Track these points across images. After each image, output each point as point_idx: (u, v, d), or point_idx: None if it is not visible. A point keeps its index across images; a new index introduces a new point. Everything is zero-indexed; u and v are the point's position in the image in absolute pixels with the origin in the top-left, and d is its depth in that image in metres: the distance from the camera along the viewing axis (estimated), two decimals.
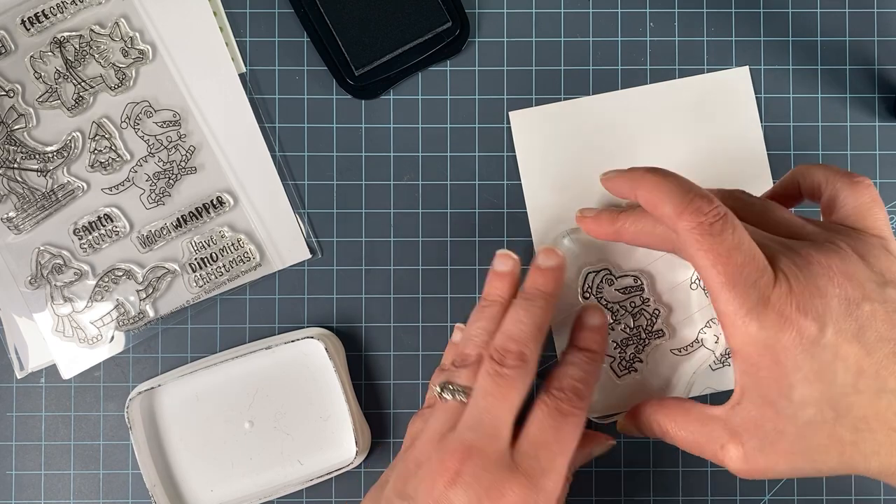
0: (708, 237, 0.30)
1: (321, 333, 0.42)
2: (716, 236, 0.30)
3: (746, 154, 0.43)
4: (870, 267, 0.31)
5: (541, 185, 0.43)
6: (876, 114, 0.44)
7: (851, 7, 0.44)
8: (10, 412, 0.44)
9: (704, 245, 0.30)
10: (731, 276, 0.30)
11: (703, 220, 0.30)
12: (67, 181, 0.43)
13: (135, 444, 0.42)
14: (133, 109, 0.43)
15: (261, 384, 0.43)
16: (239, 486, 0.43)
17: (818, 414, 0.30)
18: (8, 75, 0.42)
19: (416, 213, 0.44)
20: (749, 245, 0.30)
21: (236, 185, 0.43)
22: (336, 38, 0.42)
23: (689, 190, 0.31)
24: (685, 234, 0.31)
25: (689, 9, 0.44)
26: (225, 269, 0.43)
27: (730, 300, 0.30)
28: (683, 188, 0.31)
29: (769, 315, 0.30)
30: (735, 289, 0.30)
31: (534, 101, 0.44)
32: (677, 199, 0.31)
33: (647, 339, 0.42)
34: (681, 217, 0.31)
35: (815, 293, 0.30)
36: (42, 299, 0.43)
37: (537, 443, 0.33)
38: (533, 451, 0.33)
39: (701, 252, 0.30)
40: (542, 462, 0.33)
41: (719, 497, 0.43)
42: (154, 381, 0.42)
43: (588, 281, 0.42)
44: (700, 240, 0.30)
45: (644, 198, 0.33)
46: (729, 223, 0.30)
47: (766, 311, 0.30)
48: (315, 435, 0.43)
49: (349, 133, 0.44)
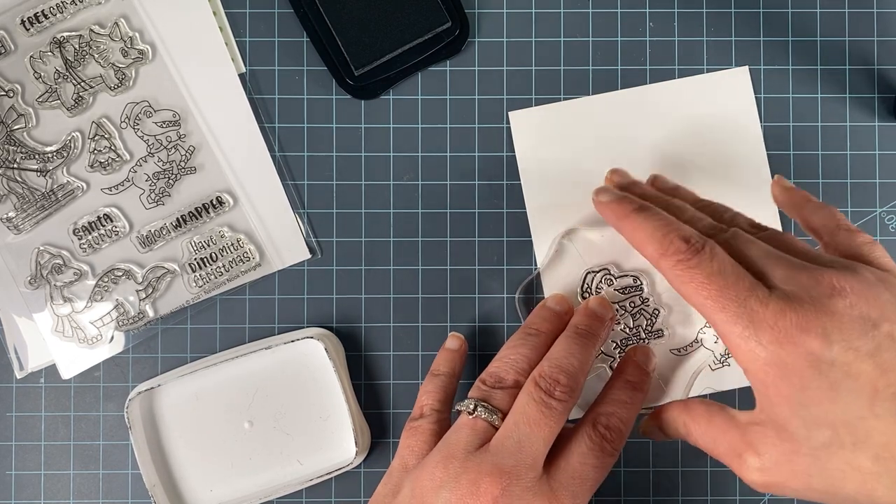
0: (688, 270, 0.31)
1: (321, 333, 0.42)
2: (695, 268, 0.31)
3: (746, 154, 0.43)
4: (890, 291, 0.30)
5: (541, 185, 0.43)
6: (876, 114, 0.44)
7: (851, 7, 0.44)
8: (9, 412, 0.44)
9: (686, 277, 0.31)
10: (718, 299, 0.30)
11: (682, 257, 0.32)
12: (67, 181, 0.43)
13: (134, 444, 0.42)
14: (133, 109, 0.43)
15: (260, 384, 0.43)
16: (238, 486, 0.43)
17: (834, 437, 0.29)
18: (8, 75, 0.42)
19: (415, 213, 0.44)
20: (733, 267, 0.31)
21: (236, 185, 0.43)
22: (336, 38, 0.42)
23: (668, 232, 0.33)
24: (668, 272, 0.32)
25: (688, 9, 0.44)
26: (225, 269, 0.43)
27: (724, 321, 0.30)
28: (663, 230, 0.33)
29: (766, 333, 0.29)
30: (725, 310, 0.30)
31: (534, 101, 0.44)
32: (657, 242, 0.33)
33: (646, 339, 0.42)
34: (662, 258, 0.32)
35: (820, 311, 0.29)
36: (42, 299, 0.43)
37: (577, 476, 0.34)
38: (572, 484, 0.34)
39: (685, 284, 0.32)
40: (577, 496, 0.34)
41: (719, 497, 0.43)
42: (154, 381, 0.42)
43: (588, 281, 0.42)
44: (682, 274, 0.32)
45: (628, 237, 0.35)
46: (707, 252, 0.31)
47: (763, 329, 0.29)
48: (315, 435, 0.43)
49: (349, 133, 0.44)
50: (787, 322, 0.29)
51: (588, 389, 0.43)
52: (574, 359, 0.36)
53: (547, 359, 0.36)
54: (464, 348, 0.41)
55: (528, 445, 0.33)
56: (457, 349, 0.41)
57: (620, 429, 0.36)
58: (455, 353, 0.41)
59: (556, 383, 0.35)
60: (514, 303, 0.43)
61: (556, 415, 0.34)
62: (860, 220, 0.44)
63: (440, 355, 0.41)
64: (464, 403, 0.36)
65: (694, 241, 0.32)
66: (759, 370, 0.30)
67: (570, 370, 0.35)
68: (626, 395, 0.37)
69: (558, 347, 0.37)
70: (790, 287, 0.30)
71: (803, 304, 0.29)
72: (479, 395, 0.36)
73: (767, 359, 0.30)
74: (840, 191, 0.44)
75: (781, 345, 0.29)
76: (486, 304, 0.43)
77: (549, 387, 0.35)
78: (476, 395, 0.36)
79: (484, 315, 0.43)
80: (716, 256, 0.31)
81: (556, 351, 0.36)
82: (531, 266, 0.43)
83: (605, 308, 0.39)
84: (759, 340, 0.30)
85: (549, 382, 0.35)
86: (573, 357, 0.36)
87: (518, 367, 0.36)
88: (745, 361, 0.30)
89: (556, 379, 0.35)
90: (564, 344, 0.37)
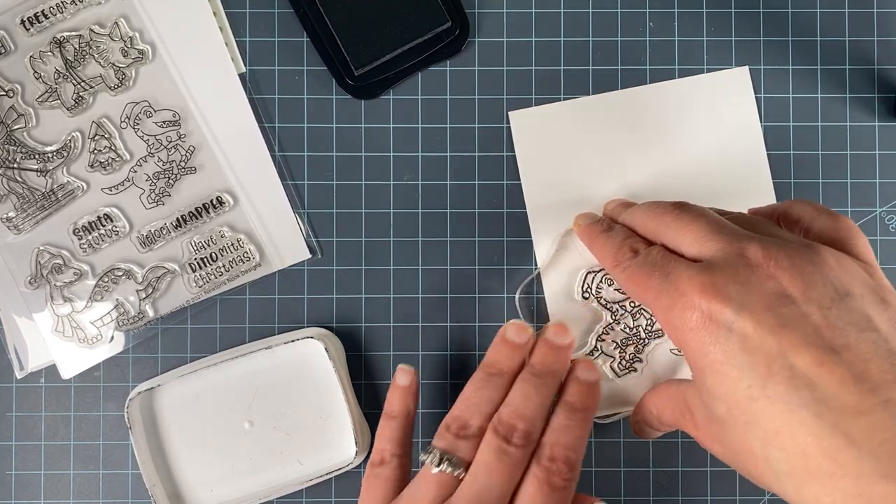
0: (628, 269, 0.34)
1: (321, 333, 0.42)
2: (633, 265, 0.34)
3: (746, 154, 0.43)
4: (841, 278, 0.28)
5: (541, 185, 0.43)
6: (876, 114, 0.44)
7: (851, 7, 0.44)
8: (10, 412, 0.44)
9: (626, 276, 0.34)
10: (648, 283, 0.32)
11: (627, 263, 0.34)
12: (67, 181, 0.43)
13: (134, 444, 0.42)
14: (133, 109, 0.43)
15: (260, 384, 0.43)
16: (238, 486, 0.43)
17: (728, 413, 0.29)
18: (8, 75, 0.42)
19: (415, 213, 0.44)
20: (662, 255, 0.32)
21: (236, 185, 0.43)
22: (336, 38, 0.42)
23: (622, 245, 0.35)
24: (618, 278, 0.35)
25: (689, 9, 0.44)
26: (225, 269, 0.43)
27: (653, 300, 0.32)
28: (619, 244, 0.35)
29: (679, 299, 0.30)
30: (652, 290, 0.32)
31: (534, 101, 0.44)
32: (612, 255, 0.36)
33: (646, 338, 0.42)
34: (615, 268, 0.35)
35: (730, 278, 0.29)
36: (42, 299, 0.43)
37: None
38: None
39: (627, 283, 0.34)
40: None
41: (719, 497, 0.43)
42: (154, 381, 0.42)
43: (587, 281, 0.42)
44: (624, 275, 0.34)
45: (596, 255, 0.38)
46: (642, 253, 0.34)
47: (678, 297, 0.30)
48: (315, 435, 0.43)
49: (349, 133, 0.44)
50: (696, 286, 0.29)
51: None
52: (530, 402, 0.35)
53: (505, 404, 0.36)
54: (415, 383, 0.39)
55: (487, 495, 0.33)
56: (408, 385, 0.39)
57: (567, 456, 0.34)
58: (406, 389, 0.39)
59: (513, 429, 0.34)
60: (514, 303, 0.43)
61: (515, 461, 0.34)
62: (860, 221, 0.44)
63: (392, 394, 0.39)
64: (429, 456, 0.35)
65: (640, 249, 0.34)
66: (677, 338, 0.30)
67: (527, 415, 0.35)
68: (564, 418, 0.36)
69: (515, 392, 0.36)
70: (718, 257, 0.30)
71: (718, 270, 0.29)
72: (444, 445, 0.35)
73: (678, 325, 0.30)
74: (840, 191, 0.44)
75: (687, 308, 0.29)
76: (486, 304, 0.43)
77: (507, 433, 0.34)
78: (441, 445, 0.35)
79: (484, 315, 0.43)
80: (650, 254, 0.33)
81: (513, 396, 0.36)
82: (531, 266, 0.43)
83: (563, 335, 0.37)
84: (675, 308, 0.30)
85: (506, 429, 0.34)
86: (529, 401, 0.35)
87: (482, 411, 0.36)
88: (668, 332, 0.31)
89: (513, 425, 0.34)
90: (520, 388, 0.36)
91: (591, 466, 0.43)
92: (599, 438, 0.43)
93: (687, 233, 0.32)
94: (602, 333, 0.42)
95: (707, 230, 0.32)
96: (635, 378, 0.42)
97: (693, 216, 0.33)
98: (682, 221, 0.33)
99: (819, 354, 0.26)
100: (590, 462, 0.43)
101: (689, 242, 0.32)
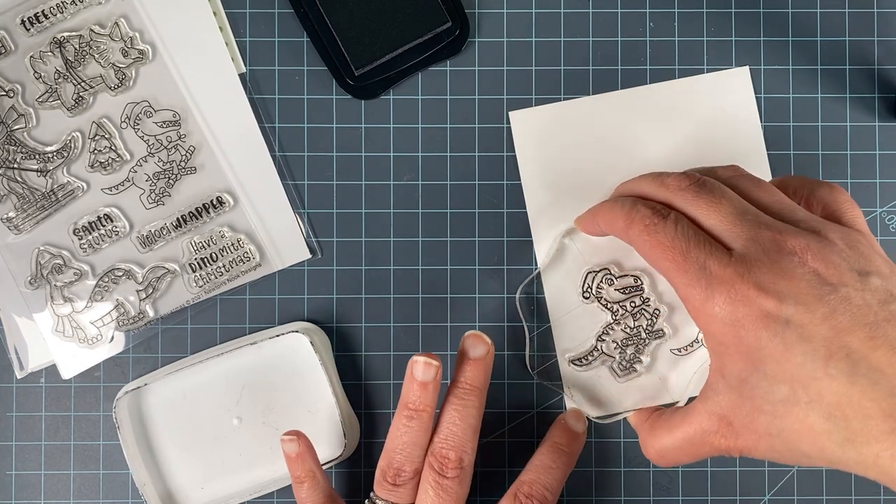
0: (653, 234, 0.33)
1: (306, 327, 0.42)
2: (659, 232, 0.33)
3: (746, 154, 0.43)
4: (855, 257, 0.31)
5: (541, 185, 0.43)
6: (876, 114, 0.44)
7: (851, 7, 0.44)
8: (10, 412, 0.44)
9: (650, 241, 0.33)
10: (679, 262, 0.32)
11: (648, 222, 0.33)
12: (67, 181, 0.43)
13: (123, 443, 0.42)
14: (133, 109, 0.43)
15: (248, 380, 0.43)
16: (229, 482, 0.43)
17: (791, 394, 0.30)
18: (8, 75, 0.42)
19: (415, 213, 0.44)
20: (695, 232, 0.32)
21: (236, 185, 0.43)
22: (336, 38, 0.42)
23: (634, 205, 0.35)
24: (636, 239, 0.34)
25: (689, 9, 0.44)
26: (225, 269, 0.43)
27: (685, 284, 0.32)
28: (629, 205, 0.35)
29: (724, 293, 0.30)
30: (686, 273, 0.31)
31: (534, 101, 0.44)
32: (625, 215, 0.35)
33: (647, 338, 0.42)
34: (629, 227, 0.34)
35: (779, 274, 0.30)
36: (42, 299, 0.43)
37: None
38: None
39: (648, 248, 0.33)
40: None
41: (719, 497, 0.43)
42: (140, 381, 0.42)
43: (588, 281, 0.42)
44: (647, 239, 0.33)
45: (603, 223, 0.37)
46: (671, 219, 0.33)
47: (721, 290, 0.31)
48: (304, 429, 0.42)
49: (349, 133, 0.44)
50: (744, 283, 0.30)
51: (593, 388, 0.43)
52: (456, 427, 0.37)
53: (436, 436, 0.37)
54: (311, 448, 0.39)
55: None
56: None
57: (544, 496, 0.37)
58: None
59: (446, 461, 0.36)
60: (515, 303, 0.43)
61: (453, 491, 0.36)
62: None
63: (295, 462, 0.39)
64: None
65: (658, 209, 0.34)
66: (717, 331, 0.31)
67: (456, 442, 0.37)
68: (550, 459, 0.38)
69: (443, 421, 0.37)
70: (752, 248, 0.31)
71: (762, 265, 0.30)
72: (385, 494, 0.37)
73: (725, 319, 0.31)
74: None
75: (736, 305, 0.30)
76: (486, 304, 0.43)
77: (442, 467, 0.36)
78: (382, 494, 0.37)
79: (484, 315, 0.43)
80: (679, 222, 0.33)
81: (441, 426, 0.37)
82: (531, 266, 0.43)
83: (479, 346, 0.38)
84: (716, 301, 0.31)
85: (440, 462, 0.36)
86: (455, 426, 0.37)
87: (412, 455, 0.37)
88: (705, 323, 0.32)
89: (445, 457, 0.36)
90: (448, 415, 0.37)
91: (591, 466, 0.43)
92: (599, 438, 0.43)
93: (711, 213, 0.33)
94: (602, 333, 0.42)
95: (732, 214, 0.32)
96: (636, 379, 0.42)
97: (716, 196, 0.33)
98: (702, 200, 0.33)
99: (868, 332, 0.29)
100: (590, 462, 0.43)
101: (713, 223, 0.33)
